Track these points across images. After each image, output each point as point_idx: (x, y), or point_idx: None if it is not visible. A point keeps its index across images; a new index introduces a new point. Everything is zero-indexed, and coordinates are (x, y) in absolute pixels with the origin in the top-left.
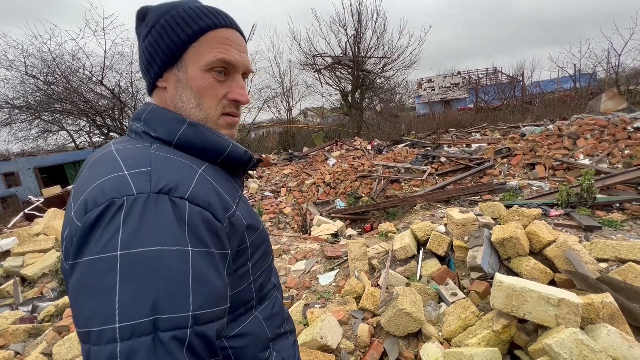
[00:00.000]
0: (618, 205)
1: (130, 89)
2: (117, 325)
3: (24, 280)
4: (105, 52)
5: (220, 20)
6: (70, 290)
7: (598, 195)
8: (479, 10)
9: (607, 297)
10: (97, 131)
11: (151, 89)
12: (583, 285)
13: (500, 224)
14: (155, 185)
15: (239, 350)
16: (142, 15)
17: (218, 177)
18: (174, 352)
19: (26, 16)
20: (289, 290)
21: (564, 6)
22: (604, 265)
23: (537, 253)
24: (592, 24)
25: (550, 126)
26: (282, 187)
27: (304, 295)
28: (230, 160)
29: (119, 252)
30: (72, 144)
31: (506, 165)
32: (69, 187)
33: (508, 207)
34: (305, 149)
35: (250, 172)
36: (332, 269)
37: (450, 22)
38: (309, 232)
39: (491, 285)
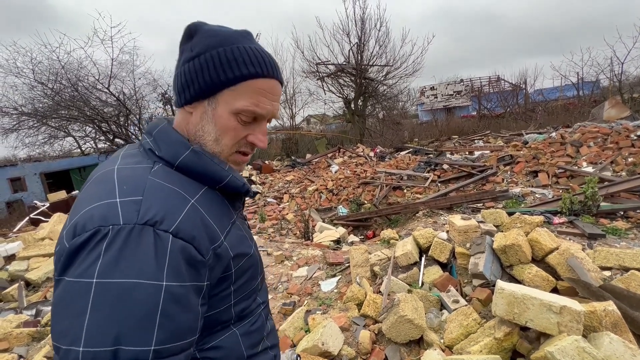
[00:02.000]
0: (622, 213)
1: (135, 96)
2: (81, 349)
3: (28, 284)
4: (112, 60)
5: (264, 70)
6: (52, 302)
7: (602, 203)
8: (467, 21)
9: (610, 305)
10: (102, 137)
11: (178, 105)
12: (586, 293)
13: (502, 231)
14: (142, 216)
15: None
16: (191, 33)
17: (212, 204)
18: None
19: (19, 28)
20: (290, 297)
21: (553, 17)
22: (607, 273)
23: (540, 261)
24: (584, 35)
25: (553, 134)
26: (285, 193)
27: (306, 302)
28: (228, 189)
29: (94, 280)
30: (78, 150)
31: (509, 172)
32: (74, 193)
33: (510, 214)
34: (308, 156)
35: (252, 178)
36: (334, 276)
37: (438, 34)
38: (311, 238)
39: (493, 293)
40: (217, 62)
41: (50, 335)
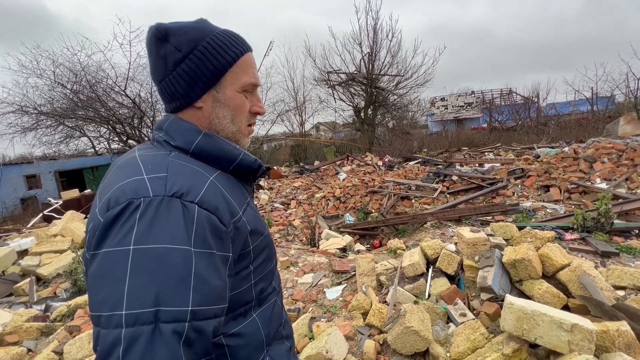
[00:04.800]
0: (637, 231)
1: (150, 99)
2: (123, 312)
3: (39, 279)
4: (129, 63)
5: (245, 47)
6: (88, 278)
7: (616, 221)
8: (460, 38)
9: (624, 326)
10: (116, 138)
11: (179, 108)
12: (598, 311)
13: (512, 245)
14: (169, 189)
15: (234, 349)
16: (163, 36)
17: (228, 184)
18: (171, 342)
19: (18, 41)
20: (295, 303)
21: (544, 34)
22: (621, 292)
23: (550, 277)
24: (579, 51)
25: (566, 148)
26: (292, 199)
27: (311, 309)
28: (241, 168)
29: (132, 247)
30: (92, 150)
31: (520, 186)
32: (86, 191)
33: (521, 228)
34: (316, 163)
35: (261, 183)
36: (340, 284)
37: (433, 49)
38: (317, 245)
39: (502, 307)
40: (213, 51)
41: (57, 331)
